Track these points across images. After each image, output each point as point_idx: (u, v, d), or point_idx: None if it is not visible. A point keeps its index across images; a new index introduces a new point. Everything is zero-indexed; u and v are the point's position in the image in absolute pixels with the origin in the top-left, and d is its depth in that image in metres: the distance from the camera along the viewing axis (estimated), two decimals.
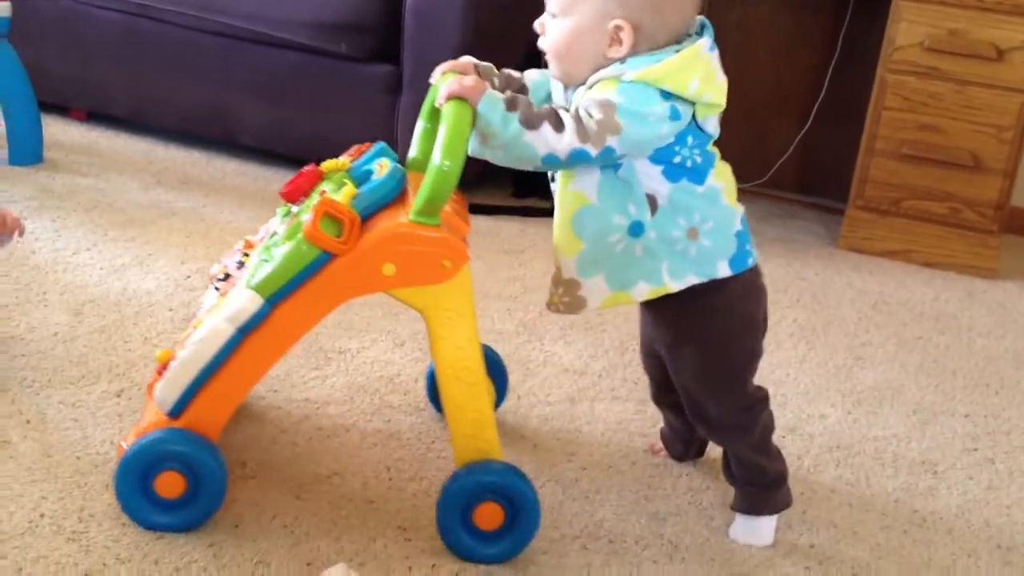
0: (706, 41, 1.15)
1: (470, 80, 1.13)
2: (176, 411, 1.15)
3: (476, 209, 2.48)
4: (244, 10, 2.46)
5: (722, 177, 1.20)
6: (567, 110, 1.13)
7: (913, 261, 2.58)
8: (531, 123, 1.11)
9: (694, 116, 1.15)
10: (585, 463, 1.42)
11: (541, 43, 1.21)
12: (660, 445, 1.46)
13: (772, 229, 2.72)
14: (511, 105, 1.12)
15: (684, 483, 1.40)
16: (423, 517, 1.25)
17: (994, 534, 1.39)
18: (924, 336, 2.08)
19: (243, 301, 1.13)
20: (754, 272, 1.24)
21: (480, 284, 2.01)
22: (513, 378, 1.62)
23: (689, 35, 1.18)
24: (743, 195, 1.23)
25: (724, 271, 1.20)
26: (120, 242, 1.96)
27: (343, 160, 1.27)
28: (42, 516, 1.15)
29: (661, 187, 1.16)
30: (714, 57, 1.16)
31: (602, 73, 1.14)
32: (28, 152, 2.33)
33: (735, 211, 1.21)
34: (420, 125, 1.29)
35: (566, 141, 1.10)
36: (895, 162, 2.56)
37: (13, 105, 2.31)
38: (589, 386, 1.64)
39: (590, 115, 1.11)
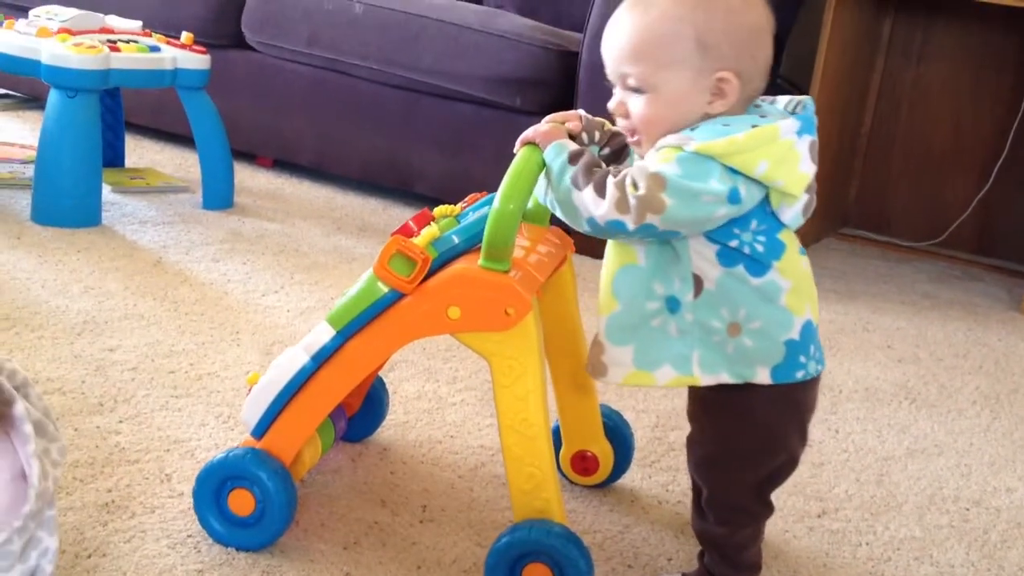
0: (791, 124, 1.04)
1: (546, 126, 1.11)
2: (259, 432, 1.19)
3: None
4: (425, 65, 2.56)
5: (792, 275, 1.07)
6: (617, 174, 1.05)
7: None
8: (579, 183, 1.04)
9: (768, 201, 1.05)
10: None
11: (624, 125, 1.11)
12: None
13: (949, 291, 2.63)
14: (574, 158, 1.06)
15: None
16: (600, 568, 1.25)
17: None
18: None
19: (319, 332, 1.17)
20: (798, 387, 1.10)
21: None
22: None
23: (773, 99, 1.11)
24: (918, 254, 1.17)
25: (763, 378, 1.08)
26: (305, 285, 2.04)
27: (455, 206, 1.30)
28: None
29: (711, 270, 1.06)
30: (800, 142, 1.04)
31: (669, 139, 1.05)
32: (221, 197, 2.46)
33: (794, 317, 1.07)
34: None
35: (604, 209, 1.03)
36: None
37: (209, 152, 2.44)
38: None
39: (635, 186, 1.02)
